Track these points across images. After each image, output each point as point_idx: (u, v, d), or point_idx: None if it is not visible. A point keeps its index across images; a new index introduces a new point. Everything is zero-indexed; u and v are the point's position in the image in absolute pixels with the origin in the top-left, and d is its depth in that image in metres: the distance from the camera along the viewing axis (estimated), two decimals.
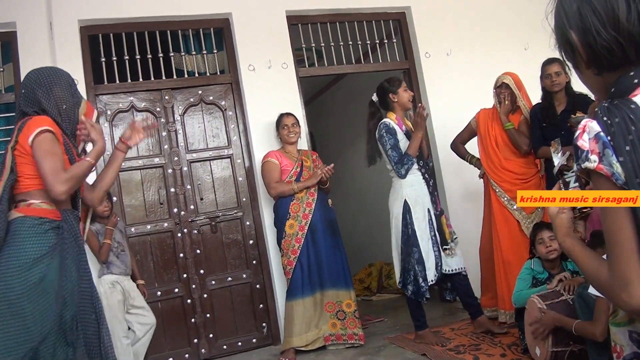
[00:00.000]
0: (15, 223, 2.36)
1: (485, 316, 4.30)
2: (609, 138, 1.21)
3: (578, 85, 4.36)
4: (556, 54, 1.36)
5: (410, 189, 4.16)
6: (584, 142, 1.25)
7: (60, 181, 2.33)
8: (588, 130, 1.25)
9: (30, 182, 2.44)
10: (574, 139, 1.29)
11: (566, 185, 1.49)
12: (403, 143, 4.20)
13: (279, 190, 4.46)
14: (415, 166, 4.18)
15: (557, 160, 2.86)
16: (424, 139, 4.28)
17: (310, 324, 4.36)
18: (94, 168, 2.60)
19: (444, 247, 4.14)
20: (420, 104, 4.25)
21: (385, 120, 4.29)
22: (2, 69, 4.51)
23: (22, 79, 4.25)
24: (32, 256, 2.30)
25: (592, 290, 2.64)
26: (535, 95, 4.47)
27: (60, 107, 2.56)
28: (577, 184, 1.47)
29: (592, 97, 1.87)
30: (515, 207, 4.33)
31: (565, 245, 1.44)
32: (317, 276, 4.41)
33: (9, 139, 4.20)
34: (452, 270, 4.18)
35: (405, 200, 4.13)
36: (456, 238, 4.25)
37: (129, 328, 4.02)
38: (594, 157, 1.22)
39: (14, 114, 4.35)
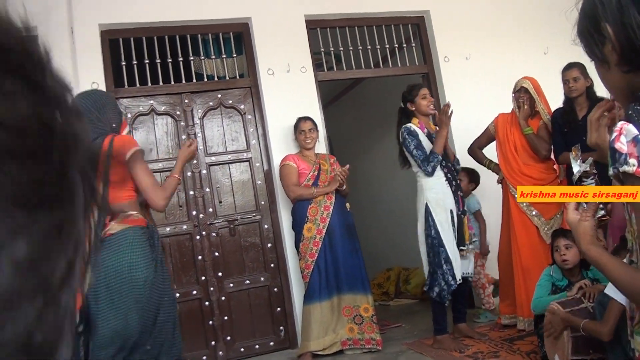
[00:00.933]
0: (123, 233, 2.58)
1: (465, 324, 4.41)
2: None
3: (600, 90, 4.35)
4: (576, 58, 1.33)
5: (431, 192, 4.18)
6: (621, 144, 1.21)
7: (163, 197, 2.62)
8: (625, 132, 1.21)
9: (126, 194, 2.64)
10: (610, 142, 1.25)
11: None
12: (425, 144, 4.24)
13: (298, 193, 4.47)
14: (439, 167, 4.19)
15: (577, 167, 2.83)
16: (448, 144, 4.31)
17: (327, 328, 4.36)
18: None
19: (460, 247, 4.13)
20: (446, 103, 4.26)
21: (406, 124, 4.33)
22: None
23: None
24: (145, 262, 2.56)
25: (608, 290, 2.60)
26: (555, 100, 4.43)
27: (111, 126, 2.75)
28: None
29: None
30: (534, 212, 4.30)
31: (590, 255, 1.38)
32: (334, 280, 4.41)
33: None
34: (464, 274, 4.19)
35: (426, 204, 4.18)
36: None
37: None
38: (632, 161, 1.18)
39: None
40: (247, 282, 4.82)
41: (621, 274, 1.31)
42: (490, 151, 4.71)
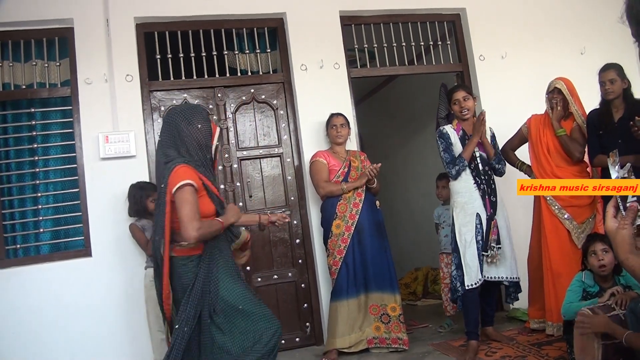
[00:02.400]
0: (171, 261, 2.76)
1: (493, 328, 4.40)
2: None
3: (638, 92, 4.26)
4: (613, 58, 1.27)
5: (458, 195, 4.19)
6: None
7: (193, 228, 2.59)
8: None
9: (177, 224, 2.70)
10: None
11: (624, 200, 1.39)
12: (456, 147, 4.24)
13: (327, 189, 4.47)
14: (467, 171, 4.15)
15: (615, 172, 2.76)
16: (488, 143, 4.29)
17: (353, 326, 4.35)
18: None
19: (483, 253, 4.08)
20: (482, 110, 4.25)
21: (441, 127, 4.40)
22: (58, 64, 4.63)
23: (77, 74, 4.40)
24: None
25: None
26: (592, 101, 4.34)
27: (200, 140, 2.83)
28: (634, 198, 1.37)
29: None
30: (566, 216, 4.23)
31: (629, 264, 1.33)
32: (362, 278, 4.40)
33: (69, 130, 4.33)
34: (492, 278, 4.13)
35: (453, 209, 4.22)
36: (499, 248, 4.13)
37: None
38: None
39: (69, 107, 4.52)
40: (275, 277, 4.83)
41: None
42: (523, 153, 4.65)
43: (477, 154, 4.21)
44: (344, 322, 4.33)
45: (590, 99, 4.35)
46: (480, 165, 4.21)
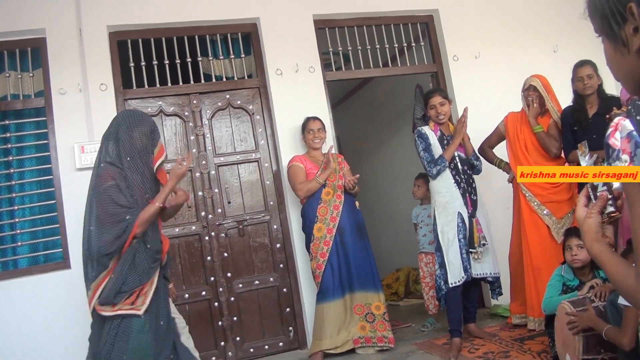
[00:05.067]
0: None
1: (475, 324, 4.43)
2: None
3: (610, 87, 4.32)
4: (585, 56, 1.30)
5: (438, 195, 4.22)
6: (615, 140, 1.20)
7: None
8: (620, 128, 1.20)
9: None
10: (605, 137, 1.24)
11: (594, 190, 1.43)
12: (435, 147, 4.27)
13: (305, 188, 4.48)
14: (447, 171, 4.18)
15: (585, 163, 2.81)
16: (468, 141, 4.34)
17: (340, 327, 4.36)
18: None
19: (470, 250, 4.11)
20: (465, 108, 4.28)
21: (419, 127, 4.43)
22: (32, 75, 4.58)
23: (51, 84, 4.35)
24: None
25: (622, 300, 2.58)
26: (565, 98, 4.40)
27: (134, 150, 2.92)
28: (605, 187, 1.41)
29: None
30: (545, 212, 4.28)
31: (593, 251, 1.37)
32: (346, 278, 4.42)
33: (45, 141, 4.29)
34: (478, 275, 4.17)
35: (434, 209, 4.24)
36: (485, 244, 4.19)
37: None
38: (625, 157, 1.18)
39: (44, 118, 4.47)
40: (257, 282, 4.81)
41: (615, 270, 1.30)
42: (501, 150, 4.69)
43: (456, 154, 4.25)
44: (330, 323, 4.33)
45: (564, 95, 4.41)
46: (459, 164, 4.24)
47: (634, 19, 1.06)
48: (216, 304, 4.68)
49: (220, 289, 4.70)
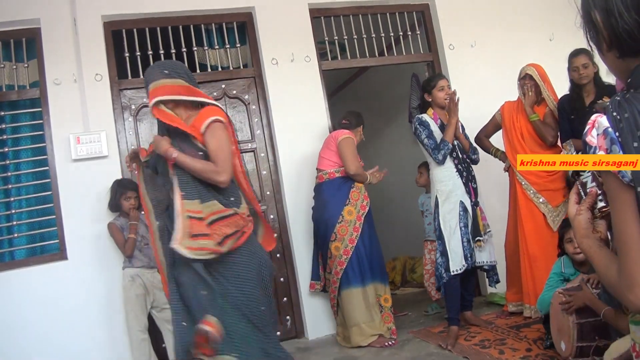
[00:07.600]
0: None
1: (471, 312, 4.44)
2: (617, 134, 1.17)
3: (607, 76, 4.32)
4: (582, 44, 1.32)
5: (441, 184, 4.19)
6: (592, 138, 1.22)
7: None
8: (597, 125, 1.22)
9: None
10: (583, 134, 1.26)
11: (584, 186, 1.45)
12: (437, 134, 4.23)
13: (360, 171, 4.48)
14: (449, 159, 4.18)
15: None
16: (460, 133, 4.31)
17: (372, 314, 4.36)
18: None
19: (477, 238, 4.12)
20: (452, 90, 4.24)
21: (419, 115, 4.37)
22: (26, 65, 4.56)
23: (46, 74, 4.33)
24: None
25: None
26: (561, 87, 4.40)
27: None
28: (594, 183, 1.43)
29: None
30: (541, 200, 4.28)
31: (583, 247, 1.40)
32: (368, 269, 4.40)
33: (40, 132, 4.28)
34: (480, 263, 4.18)
35: (436, 196, 4.20)
36: (489, 232, 4.22)
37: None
38: (601, 154, 1.19)
39: (39, 109, 4.46)
40: None
41: (601, 263, 1.32)
42: (497, 139, 4.70)
43: (456, 142, 4.24)
44: (363, 309, 4.33)
45: (559, 84, 4.41)
46: (459, 153, 4.24)
47: (597, 25, 1.23)
48: None
49: None
